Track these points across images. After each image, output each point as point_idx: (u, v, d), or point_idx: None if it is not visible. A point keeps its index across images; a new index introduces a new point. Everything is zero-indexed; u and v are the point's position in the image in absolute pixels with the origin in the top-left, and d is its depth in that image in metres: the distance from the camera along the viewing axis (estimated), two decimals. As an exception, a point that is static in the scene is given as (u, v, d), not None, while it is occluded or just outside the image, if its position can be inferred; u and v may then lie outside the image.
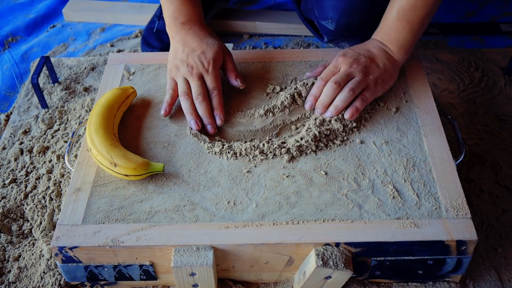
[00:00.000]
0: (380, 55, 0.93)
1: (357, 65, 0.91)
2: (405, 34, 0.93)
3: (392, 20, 0.93)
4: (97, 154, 0.84)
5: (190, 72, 0.93)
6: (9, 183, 1.04)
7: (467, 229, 0.76)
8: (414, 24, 0.92)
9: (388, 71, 0.93)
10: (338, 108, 0.89)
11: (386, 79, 0.93)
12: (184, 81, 0.94)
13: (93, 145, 0.85)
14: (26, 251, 0.92)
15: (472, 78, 1.23)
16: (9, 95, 1.28)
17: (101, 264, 0.79)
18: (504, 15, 1.46)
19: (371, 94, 0.91)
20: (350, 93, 0.89)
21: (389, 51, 0.94)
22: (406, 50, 0.95)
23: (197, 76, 0.93)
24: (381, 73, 0.92)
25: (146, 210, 0.80)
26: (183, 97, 0.93)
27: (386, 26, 0.94)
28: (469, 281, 0.85)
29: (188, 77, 0.93)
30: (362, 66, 0.91)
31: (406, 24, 0.92)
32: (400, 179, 0.83)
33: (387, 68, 0.93)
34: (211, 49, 0.95)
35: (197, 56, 0.94)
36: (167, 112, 0.93)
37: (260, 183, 0.83)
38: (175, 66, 0.95)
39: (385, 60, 0.93)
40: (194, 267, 0.75)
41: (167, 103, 0.94)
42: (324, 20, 1.04)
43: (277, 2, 1.53)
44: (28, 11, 1.56)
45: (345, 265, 0.75)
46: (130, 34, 1.46)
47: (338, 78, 0.90)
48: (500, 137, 1.09)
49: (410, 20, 0.92)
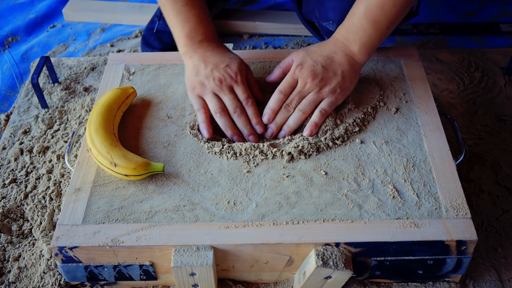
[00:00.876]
0: (340, 60, 0.91)
1: (312, 80, 0.89)
2: (370, 34, 0.90)
3: (358, 18, 0.90)
4: (97, 154, 0.84)
5: (220, 87, 0.90)
6: (9, 183, 1.04)
7: (467, 229, 0.76)
8: (380, 24, 0.89)
9: (347, 77, 0.91)
10: (290, 128, 0.91)
11: (345, 86, 0.91)
12: (215, 97, 0.91)
13: (93, 145, 0.85)
14: (26, 251, 0.92)
15: (472, 78, 1.23)
16: (9, 95, 1.28)
17: (101, 264, 0.79)
18: (504, 15, 1.46)
19: (329, 105, 0.90)
20: (302, 114, 0.90)
21: (350, 53, 0.91)
22: (369, 51, 0.92)
23: (228, 89, 0.91)
24: (338, 82, 0.90)
25: (146, 210, 0.80)
26: (219, 114, 0.90)
27: (351, 24, 0.91)
28: (469, 281, 0.85)
29: (219, 92, 0.91)
30: (318, 80, 0.89)
31: (372, 23, 0.89)
32: (400, 179, 0.83)
33: (346, 74, 0.91)
34: (235, 62, 0.93)
35: (223, 69, 0.91)
36: (210, 134, 0.90)
37: (260, 183, 0.83)
38: (200, 82, 0.91)
39: (345, 65, 0.91)
40: (194, 267, 0.75)
41: (204, 123, 0.90)
42: (325, 21, 1.04)
43: (277, 2, 1.54)
44: (28, 11, 1.56)
45: (345, 265, 0.75)
46: (130, 34, 1.46)
47: (290, 101, 0.90)
48: (500, 137, 1.09)
49: (377, 20, 0.89)
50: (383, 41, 0.93)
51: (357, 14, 0.90)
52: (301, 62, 0.91)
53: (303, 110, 0.90)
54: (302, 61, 0.91)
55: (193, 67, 0.94)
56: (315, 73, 0.89)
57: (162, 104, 0.97)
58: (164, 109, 0.96)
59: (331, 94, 0.90)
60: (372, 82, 0.99)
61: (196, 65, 0.93)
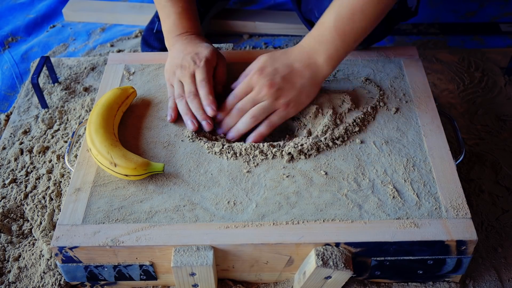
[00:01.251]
0: (301, 71, 0.89)
1: (269, 89, 0.88)
2: (337, 46, 0.88)
3: (327, 28, 0.88)
4: (97, 154, 0.84)
5: (183, 73, 0.93)
6: (9, 183, 1.04)
7: (467, 229, 0.76)
8: (348, 37, 0.88)
9: (305, 91, 0.89)
10: (239, 132, 0.90)
11: (301, 100, 0.90)
12: (179, 84, 0.94)
13: (93, 145, 0.85)
14: (26, 251, 0.92)
15: (472, 78, 1.23)
16: (9, 95, 1.28)
17: (101, 264, 0.79)
18: (504, 15, 1.46)
19: (279, 118, 0.90)
20: (252, 119, 0.89)
21: (313, 65, 0.89)
22: (334, 63, 0.90)
23: (189, 75, 0.93)
24: (295, 95, 0.89)
25: (146, 210, 0.80)
26: (178, 99, 0.93)
27: (319, 34, 0.89)
28: (469, 281, 0.85)
29: (182, 78, 0.93)
30: (275, 90, 0.88)
31: (341, 35, 0.87)
32: (400, 179, 0.83)
33: (305, 87, 0.89)
34: (205, 50, 0.95)
35: (191, 57, 0.94)
36: (173, 118, 0.93)
37: (260, 183, 0.83)
38: (172, 71, 0.96)
39: (306, 77, 0.89)
40: (194, 267, 0.75)
41: (171, 109, 0.94)
42: None
43: (277, 2, 1.54)
44: (28, 11, 1.56)
45: (345, 265, 0.75)
46: (130, 34, 1.46)
47: (243, 104, 0.90)
48: (500, 137, 1.09)
49: (346, 32, 0.87)
50: (348, 53, 0.91)
51: (326, 24, 0.88)
52: (261, 68, 0.89)
53: (255, 116, 0.89)
54: (262, 66, 0.90)
55: (170, 58, 0.98)
56: (272, 82, 0.88)
57: (162, 104, 0.97)
58: (164, 109, 0.96)
59: (284, 106, 0.89)
60: (372, 82, 1.00)
61: (173, 56, 0.97)
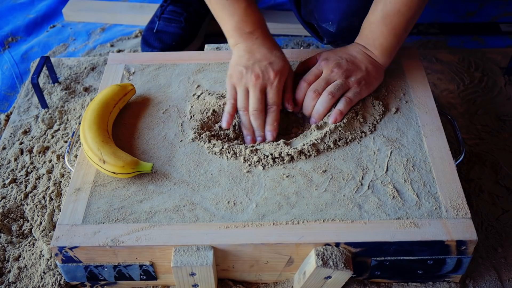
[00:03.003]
0: (363, 59, 0.93)
1: (338, 69, 0.90)
2: (390, 40, 0.92)
3: (377, 25, 0.92)
4: (88, 150, 0.84)
5: (254, 82, 0.89)
6: (9, 183, 1.04)
7: (467, 229, 0.76)
8: (398, 30, 0.91)
9: (372, 73, 0.93)
10: (319, 113, 0.90)
11: (370, 80, 0.93)
12: (245, 93, 0.90)
13: (85, 141, 0.85)
14: (26, 251, 0.92)
15: (472, 78, 1.23)
16: (9, 95, 1.28)
17: (101, 264, 0.79)
18: (504, 15, 1.46)
19: (355, 95, 0.91)
20: (330, 96, 0.89)
21: (372, 56, 0.94)
22: (390, 55, 0.94)
23: (260, 88, 0.89)
24: (364, 75, 0.92)
25: (146, 210, 0.80)
26: (242, 111, 0.90)
27: (370, 32, 0.93)
28: (469, 281, 0.85)
29: (250, 87, 0.90)
30: (344, 69, 0.90)
31: (391, 29, 0.91)
32: (400, 179, 0.83)
33: (370, 71, 0.92)
34: (279, 62, 0.91)
35: (265, 66, 0.90)
36: (229, 123, 0.91)
37: (260, 183, 0.83)
38: (238, 72, 0.91)
39: (368, 63, 0.93)
40: (194, 267, 0.75)
41: (228, 114, 0.91)
42: (324, 22, 1.04)
43: (277, 2, 1.53)
44: (28, 11, 1.56)
45: (345, 265, 0.75)
46: (130, 34, 1.46)
47: (317, 85, 0.90)
48: (500, 137, 1.09)
49: (395, 26, 0.91)
50: (402, 43, 0.94)
51: (375, 22, 0.92)
52: (326, 57, 0.93)
53: (332, 93, 0.89)
54: (327, 56, 0.93)
55: (238, 57, 0.93)
56: (340, 65, 0.91)
57: (162, 104, 0.97)
58: (164, 109, 0.96)
59: (356, 84, 0.91)
60: (372, 82, 0.99)
61: (241, 55, 0.92)
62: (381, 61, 0.94)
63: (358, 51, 0.94)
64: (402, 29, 0.92)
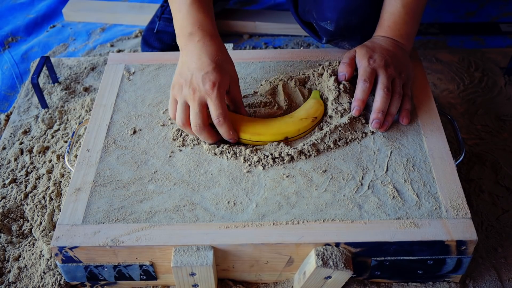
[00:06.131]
0: (398, 51, 0.95)
1: (390, 67, 0.91)
2: (413, 26, 0.96)
3: (399, 15, 0.95)
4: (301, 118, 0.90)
5: (192, 96, 0.84)
6: (9, 183, 1.04)
7: (467, 229, 0.76)
8: (418, 14, 0.96)
9: (409, 64, 0.96)
10: (393, 115, 0.90)
11: (409, 71, 0.95)
12: (184, 106, 0.86)
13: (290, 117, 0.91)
14: (26, 251, 0.92)
15: (472, 78, 1.23)
16: (9, 95, 1.28)
17: (101, 264, 0.79)
18: (504, 15, 1.46)
19: (408, 89, 0.94)
20: (400, 98, 0.91)
21: (402, 46, 0.96)
22: (413, 39, 0.98)
23: (198, 101, 0.84)
24: (406, 68, 0.94)
25: (146, 210, 0.80)
26: (182, 127, 0.87)
27: (394, 23, 0.96)
28: (469, 281, 0.85)
29: (189, 101, 0.85)
30: (393, 66, 0.92)
31: (412, 16, 0.95)
32: (400, 179, 0.83)
33: (407, 61, 0.95)
34: (217, 70, 0.85)
35: (202, 77, 0.84)
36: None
37: (260, 183, 0.83)
38: (179, 84, 0.86)
39: (402, 54, 0.95)
40: (194, 267, 0.75)
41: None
42: (323, 21, 1.03)
43: (277, 2, 1.54)
44: (28, 11, 1.56)
45: (345, 265, 0.75)
46: (130, 34, 1.46)
47: (387, 84, 0.89)
48: (500, 137, 1.09)
49: (416, 11, 0.96)
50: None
51: (396, 12, 0.95)
52: (370, 56, 0.93)
53: (399, 92, 0.91)
54: (369, 54, 0.93)
55: (180, 65, 0.89)
56: (388, 63, 0.92)
57: (162, 104, 0.97)
58: (164, 109, 0.96)
59: (406, 78, 0.93)
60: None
61: (183, 63, 0.88)
62: (407, 48, 0.97)
63: (390, 44, 0.95)
64: (420, 13, 0.97)
